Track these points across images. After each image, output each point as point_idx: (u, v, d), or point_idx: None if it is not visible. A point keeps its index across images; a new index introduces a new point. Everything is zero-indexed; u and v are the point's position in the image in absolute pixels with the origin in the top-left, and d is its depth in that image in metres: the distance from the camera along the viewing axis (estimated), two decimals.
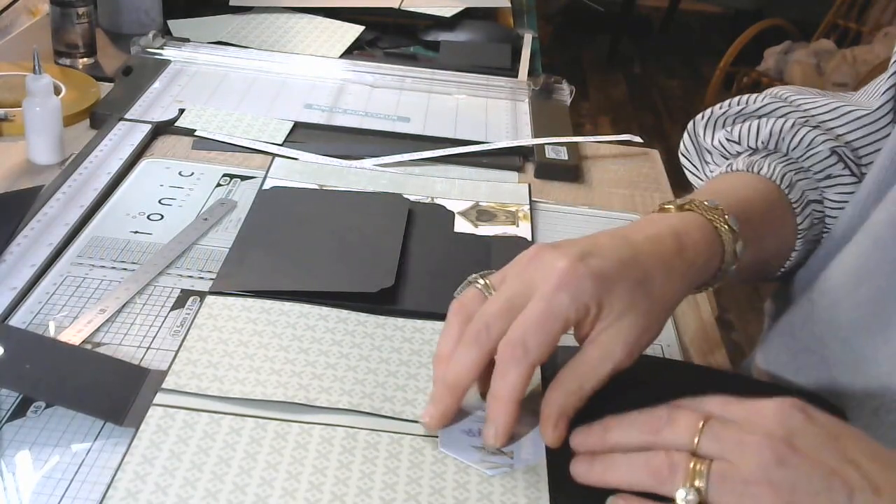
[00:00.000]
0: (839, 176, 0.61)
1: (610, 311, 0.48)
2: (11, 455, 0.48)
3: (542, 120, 0.95)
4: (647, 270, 0.49)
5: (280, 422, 0.51)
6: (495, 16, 1.28)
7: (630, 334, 0.48)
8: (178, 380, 0.53)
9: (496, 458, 0.49)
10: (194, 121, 0.87)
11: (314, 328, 0.59)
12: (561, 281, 0.47)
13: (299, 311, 0.60)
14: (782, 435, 0.41)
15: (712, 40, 3.87)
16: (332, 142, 0.87)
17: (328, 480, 0.47)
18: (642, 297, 0.48)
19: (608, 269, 0.48)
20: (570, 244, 0.49)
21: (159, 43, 1.03)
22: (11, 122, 0.83)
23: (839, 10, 2.94)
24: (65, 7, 0.97)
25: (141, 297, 0.61)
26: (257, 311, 0.60)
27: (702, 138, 0.70)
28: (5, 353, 0.51)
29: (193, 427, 0.50)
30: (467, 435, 0.51)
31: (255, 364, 0.55)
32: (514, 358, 0.47)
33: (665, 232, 0.52)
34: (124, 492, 0.45)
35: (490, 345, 0.48)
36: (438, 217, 0.74)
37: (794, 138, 0.62)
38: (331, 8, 1.16)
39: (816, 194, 0.62)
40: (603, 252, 0.49)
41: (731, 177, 0.63)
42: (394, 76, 1.03)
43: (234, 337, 0.57)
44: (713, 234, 0.53)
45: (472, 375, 0.49)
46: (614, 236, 0.51)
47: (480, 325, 0.48)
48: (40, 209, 0.70)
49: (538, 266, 0.49)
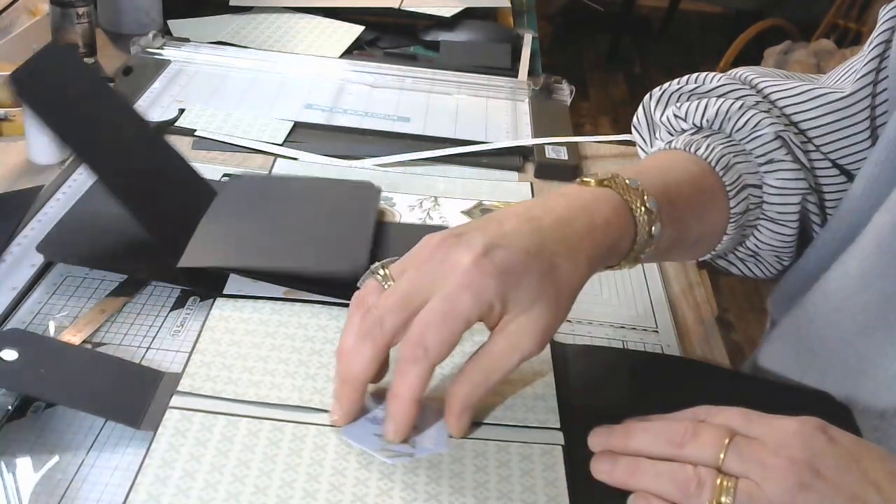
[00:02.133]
0: (781, 161, 0.60)
1: (516, 304, 0.47)
2: (11, 455, 0.48)
3: (542, 120, 0.95)
4: (554, 259, 0.48)
5: (297, 424, 0.51)
6: (495, 16, 1.28)
7: (538, 324, 0.47)
8: (194, 382, 0.53)
9: (397, 448, 0.49)
10: (194, 121, 0.87)
11: (325, 329, 0.59)
12: (464, 280, 0.46)
13: (310, 311, 0.60)
14: (806, 458, 0.43)
15: (712, 40, 3.87)
16: (332, 142, 0.87)
17: (348, 482, 0.47)
18: (549, 287, 0.48)
19: (514, 263, 0.47)
20: (475, 232, 0.48)
21: (159, 43, 1.03)
22: (11, 122, 0.83)
23: (839, 10, 2.94)
24: (65, 7, 0.97)
25: (141, 297, 0.61)
26: (268, 313, 0.60)
27: (652, 112, 0.68)
28: (20, 357, 0.51)
29: (211, 430, 0.50)
30: (371, 423, 0.51)
31: (269, 366, 0.55)
32: (414, 358, 0.46)
33: (576, 211, 0.51)
34: (146, 495, 0.45)
35: (384, 339, 0.47)
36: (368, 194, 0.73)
37: (740, 119, 0.61)
38: (331, 8, 1.16)
39: (755, 178, 0.61)
40: (509, 242, 0.47)
41: (665, 155, 0.62)
42: (394, 76, 1.03)
43: (246, 339, 0.57)
44: (627, 215, 0.52)
45: (369, 370, 0.48)
46: (522, 219, 0.49)
47: (375, 320, 0.47)
48: (40, 209, 0.70)
49: (441, 260, 0.47)
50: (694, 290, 0.71)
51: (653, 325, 0.65)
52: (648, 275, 0.71)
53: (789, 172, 0.60)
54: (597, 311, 0.65)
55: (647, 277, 0.70)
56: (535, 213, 0.50)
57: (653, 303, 0.67)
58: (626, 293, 0.68)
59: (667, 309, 0.67)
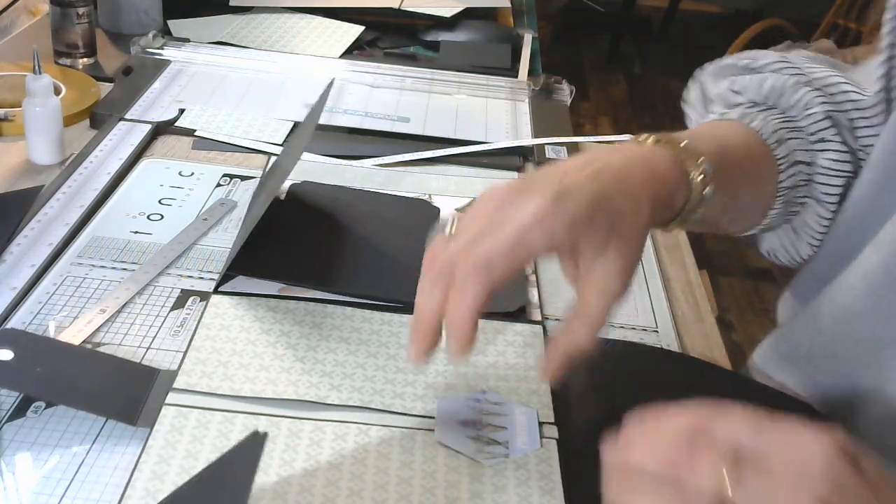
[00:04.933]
0: (830, 141, 0.60)
1: (587, 252, 0.48)
2: (11, 455, 0.48)
3: (541, 120, 0.95)
4: (617, 205, 0.49)
5: (293, 419, 0.51)
6: (495, 16, 1.28)
7: (615, 266, 0.48)
8: (189, 379, 0.53)
9: (492, 448, 0.50)
10: (194, 121, 0.87)
11: (321, 326, 0.59)
12: (536, 219, 0.46)
13: (304, 308, 0.60)
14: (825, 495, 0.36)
15: (712, 40, 3.86)
16: (332, 142, 0.87)
17: (344, 476, 0.47)
18: (616, 231, 0.48)
19: (581, 214, 0.47)
20: (542, 183, 0.48)
21: (159, 43, 1.03)
22: (11, 122, 0.83)
23: (839, 10, 2.93)
24: (65, 7, 0.97)
25: (141, 297, 0.61)
26: (263, 310, 0.60)
27: (708, 86, 0.69)
28: (16, 356, 0.51)
29: (207, 426, 0.50)
30: (463, 426, 0.52)
31: (264, 363, 0.55)
32: (476, 275, 0.46)
33: (635, 164, 0.51)
34: (143, 491, 0.46)
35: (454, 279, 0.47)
36: (427, 213, 0.74)
37: (794, 96, 0.61)
38: (331, 8, 1.16)
39: (807, 156, 0.61)
40: (574, 194, 0.48)
41: (719, 123, 0.63)
42: (394, 76, 1.03)
43: (241, 336, 0.57)
44: (681, 174, 0.53)
45: (441, 311, 0.47)
46: (584, 170, 0.50)
47: (444, 263, 0.47)
48: (40, 209, 0.70)
49: (511, 205, 0.47)
50: (694, 290, 0.71)
51: (653, 325, 0.65)
52: (648, 275, 0.71)
53: (837, 154, 0.60)
54: None
55: (647, 277, 0.70)
56: (595, 167, 0.51)
57: (653, 303, 0.67)
58: None
59: (667, 309, 0.67)
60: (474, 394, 0.53)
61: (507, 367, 0.57)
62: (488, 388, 0.55)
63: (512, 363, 0.57)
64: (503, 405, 0.53)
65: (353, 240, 0.68)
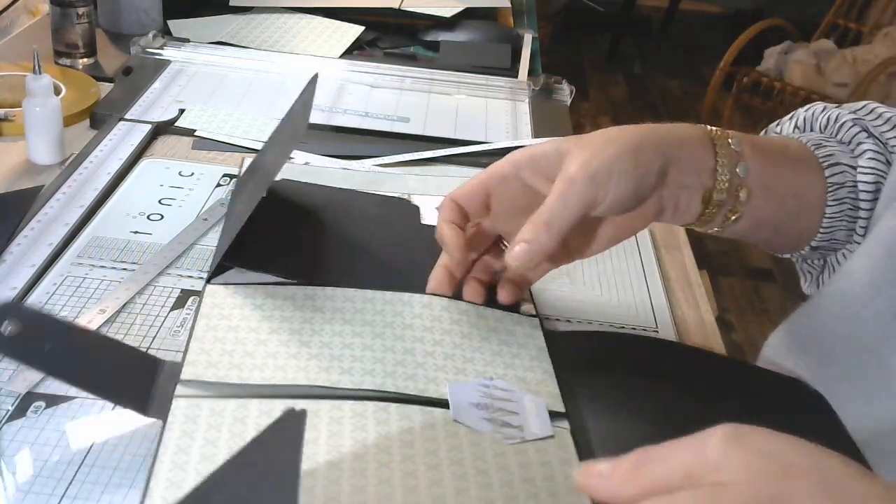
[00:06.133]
0: (864, 143, 0.60)
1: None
2: (11, 455, 0.48)
3: (542, 120, 0.95)
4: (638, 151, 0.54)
5: (310, 400, 0.50)
6: (495, 16, 1.28)
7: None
8: (196, 370, 0.52)
9: (507, 430, 0.50)
10: (194, 121, 0.87)
11: (322, 309, 0.58)
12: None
13: (304, 293, 0.60)
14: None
15: (712, 40, 3.86)
16: (332, 142, 0.87)
17: (370, 466, 0.47)
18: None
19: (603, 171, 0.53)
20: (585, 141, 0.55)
21: (159, 43, 1.03)
22: (11, 122, 0.83)
23: (839, 10, 2.93)
24: (65, 7, 0.97)
25: (141, 298, 0.61)
26: (262, 297, 0.59)
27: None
28: (24, 330, 0.49)
29: (222, 414, 0.49)
30: (476, 408, 0.52)
31: (269, 349, 0.54)
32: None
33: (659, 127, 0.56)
34: (166, 482, 0.45)
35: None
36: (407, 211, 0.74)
37: (823, 117, 0.63)
38: (331, 8, 1.16)
39: (848, 158, 0.60)
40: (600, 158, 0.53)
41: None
42: (393, 76, 1.03)
43: (243, 324, 0.56)
44: (710, 146, 0.56)
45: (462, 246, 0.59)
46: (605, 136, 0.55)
47: None
48: (40, 209, 0.70)
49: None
50: (694, 290, 0.71)
51: (653, 325, 0.65)
52: (648, 275, 0.71)
53: (872, 153, 0.60)
54: (597, 312, 0.65)
55: (647, 277, 0.70)
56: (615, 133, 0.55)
57: (653, 303, 0.67)
58: (626, 293, 0.68)
59: (667, 309, 0.67)
60: (483, 380, 0.54)
61: (512, 355, 0.57)
62: (496, 376, 0.55)
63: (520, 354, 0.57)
64: (512, 392, 0.54)
65: (336, 235, 0.68)
